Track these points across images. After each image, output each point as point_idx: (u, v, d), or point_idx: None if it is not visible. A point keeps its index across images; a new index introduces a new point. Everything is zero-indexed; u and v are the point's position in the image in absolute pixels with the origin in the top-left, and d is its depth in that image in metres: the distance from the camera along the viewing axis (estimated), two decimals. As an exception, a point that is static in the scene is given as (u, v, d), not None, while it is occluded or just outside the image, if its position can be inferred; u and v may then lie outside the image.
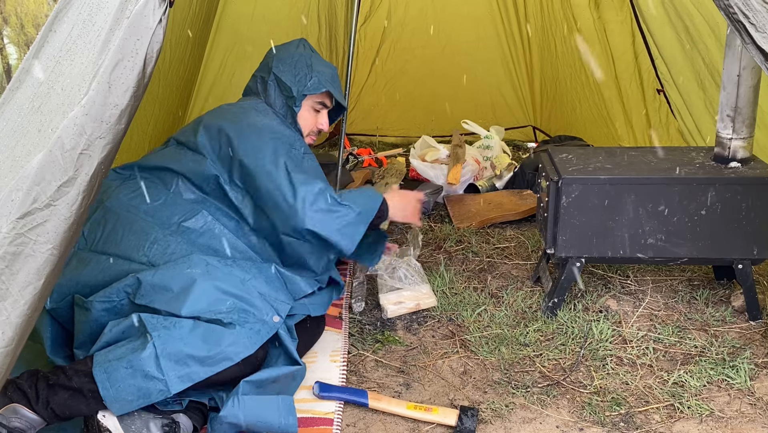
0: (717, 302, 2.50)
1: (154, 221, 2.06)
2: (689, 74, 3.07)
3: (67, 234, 1.34)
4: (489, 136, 3.94)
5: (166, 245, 2.00)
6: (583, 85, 3.96)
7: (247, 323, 1.82)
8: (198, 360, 1.72)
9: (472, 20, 4.30)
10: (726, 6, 1.48)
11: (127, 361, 1.68)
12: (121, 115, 1.35)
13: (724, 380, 2.07)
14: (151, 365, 1.67)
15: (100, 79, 1.32)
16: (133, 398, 1.67)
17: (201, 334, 1.75)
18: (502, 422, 1.91)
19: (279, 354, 1.95)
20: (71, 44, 1.36)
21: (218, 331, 1.77)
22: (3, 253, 1.28)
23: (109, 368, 1.68)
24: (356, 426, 1.91)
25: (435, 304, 2.50)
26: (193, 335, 1.74)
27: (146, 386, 1.67)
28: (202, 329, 1.77)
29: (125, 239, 2.00)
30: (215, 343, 1.75)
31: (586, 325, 2.36)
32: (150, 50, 1.37)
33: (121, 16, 1.35)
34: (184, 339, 1.73)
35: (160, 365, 1.68)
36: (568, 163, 2.37)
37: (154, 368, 1.67)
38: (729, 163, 2.32)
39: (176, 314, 1.79)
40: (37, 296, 1.32)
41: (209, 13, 3.49)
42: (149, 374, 1.67)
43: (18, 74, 1.40)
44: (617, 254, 2.33)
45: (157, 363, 1.68)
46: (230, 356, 1.75)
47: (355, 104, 4.58)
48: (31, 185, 1.30)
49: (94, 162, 1.34)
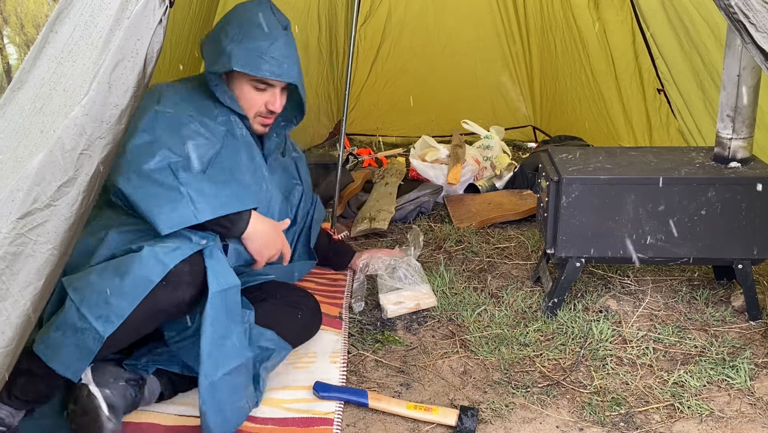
0: (717, 302, 2.50)
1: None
2: (689, 74, 3.07)
3: (67, 234, 1.34)
4: (489, 136, 3.94)
5: None
6: (583, 85, 3.96)
7: (160, 244, 1.73)
8: (117, 294, 1.66)
9: (472, 20, 4.31)
10: (726, 6, 1.48)
11: (56, 326, 1.66)
12: (121, 115, 1.35)
13: (724, 380, 2.07)
14: (75, 317, 1.64)
15: (101, 80, 1.33)
16: (77, 357, 1.65)
17: (112, 268, 1.69)
18: (502, 422, 1.91)
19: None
20: (73, 45, 1.37)
21: (129, 259, 1.69)
22: (3, 253, 1.29)
23: (46, 340, 1.66)
24: (356, 426, 1.91)
25: (435, 304, 2.50)
26: (105, 272, 1.68)
27: (81, 339, 1.64)
28: (113, 263, 1.70)
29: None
30: (126, 271, 1.67)
31: (586, 325, 2.36)
32: (150, 50, 1.37)
33: (121, 17, 1.35)
34: (98, 280, 1.67)
35: (82, 313, 1.64)
36: (568, 163, 2.37)
37: (77, 320, 1.64)
38: (729, 163, 2.32)
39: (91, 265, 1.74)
40: (38, 296, 1.33)
41: (209, 13, 3.49)
42: (77, 327, 1.64)
43: (19, 74, 1.41)
44: (617, 254, 2.33)
45: (79, 314, 1.64)
46: (147, 276, 1.67)
47: (355, 104, 4.58)
48: (32, 185, 1.30)
49: (94, 162, 1.35)
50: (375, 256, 2.68)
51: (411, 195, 3.39)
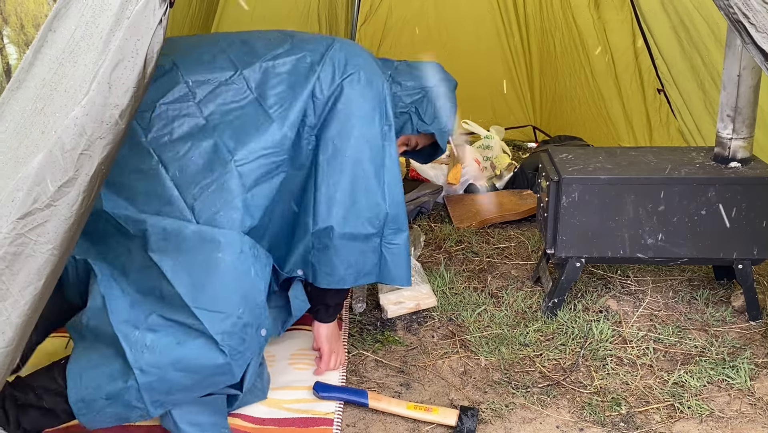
0: (717, 302, 2.50)
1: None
2: (689, 74, 3.07)
3: (67, 234, 1.34)
4: (489, 136, 3.94)
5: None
6: (583, 85, 3.96)
7: (239, 353, 1.68)
8: (182, 391, 1.67)
9: (472, 20, 4.30)
10: (726, 6, 1.48)
11: (107, 395, 1.62)
12: (121, 115, 1.35)
13: (724, 380, 2.07)
14: (133, 397, 1.62)
15: (101, 80, 1.32)
16: (111, 421, 1.67)
17: (184, 366, 1.63)
18: (502, 422, 1.91)
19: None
20: (74, 46, 1.36)
21: (202, 358, 1.64)
22: (3, 253, 1.28)
23: (86, 397, 1.63)
24: (356, 426, 1.91)
25: (435, 304, 2.50)
26: (178, 365, 1.63)
27: (126, 412, 1.65)
28: (186, 359, 1.64)
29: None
30: (197, 372, 1.65)
31: (586, 325, 2.36)
32: (150, 51, 1.37)
33: (121, 17, 1.34)
34: (169, 372, 1.62)
35: (142, 398, 1.63)
36: (568, 163, 2.37)
37: (134, 399, 1.63)
38: (729, 163, 2.32)
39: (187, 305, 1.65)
40: (38, 296, 1.33)
41: (209, 13, 3.49)
42: (130, 404, 1.63)
43: (17, 74, 1.40)
44: (617, 254, 2.33)
45: (138, 395, 1.62)
46: (216, 383, 1.71)
47: (355, 104, 4.57)
48: (32, 186, 1.30)
49: (95, 162, 1.34)
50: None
51: (411, 195, 3.39)
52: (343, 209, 1.91)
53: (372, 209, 1.93)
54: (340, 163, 1.92)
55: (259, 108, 1.91)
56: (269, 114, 1.90)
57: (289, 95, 1.93)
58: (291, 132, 1.91)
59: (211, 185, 1.80)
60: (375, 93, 1.98)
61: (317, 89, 1.94)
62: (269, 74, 1.95)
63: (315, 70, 1.95)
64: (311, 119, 1.94)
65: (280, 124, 1.90)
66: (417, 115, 2.22)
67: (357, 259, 1.94)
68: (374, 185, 1.94)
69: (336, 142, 1.93)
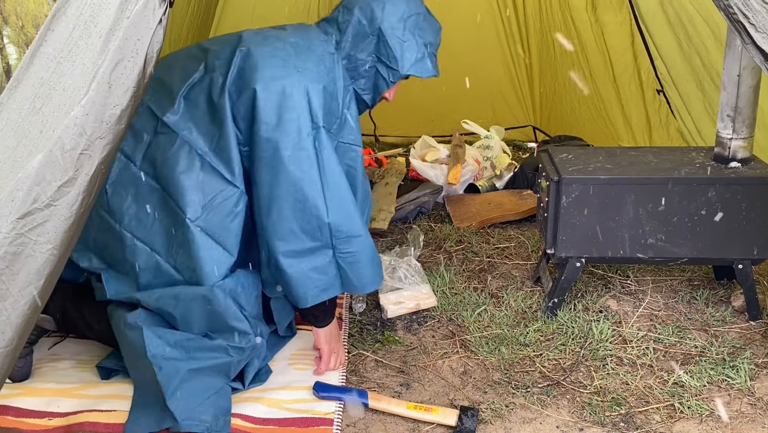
0: (717, 302, 2.50)
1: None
2: (688, 75, 3.07)
3: (67, 234, 1.34)
4: (489, 136, 3.94)
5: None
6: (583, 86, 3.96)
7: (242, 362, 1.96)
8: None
9: (472, 20, 4.30)
10: (726, 6, 1.48)
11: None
12: (121, 115, 1.35)
13: (724, 380, 2.07)
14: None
15: (101, 80, 1.33)
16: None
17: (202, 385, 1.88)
18: (502, 422, 1.91)
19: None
20: (72, 45, 1.36)
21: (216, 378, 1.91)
22: (3, 253, 1.29)
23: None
24: (356, 426, 1.91)
25: (435, 304, 2.50)
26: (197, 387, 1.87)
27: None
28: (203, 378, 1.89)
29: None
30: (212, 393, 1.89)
31: (586, 325, 2.36)
32: (150, 50, 1.37)
33: (121, 17, 1.35)
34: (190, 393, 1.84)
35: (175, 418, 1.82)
36: (568, 163, 2.37)
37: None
38: (729, 163, 2.32)
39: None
40: (38, 296, 1.33)
41: (208, 12, 3.49)
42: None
43: (16, 73, 1.40)
44: (617, 254, 2.33)
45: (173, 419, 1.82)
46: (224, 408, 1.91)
47: (355, 104, 4.57)
48: (32, 185, 1.30)
49: (95, 162, 1.35)
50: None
51: (411, 195, 3.39)
52: (280, 230, 1.89)
53: (309, 222, 1.89)
54: (269, 186, 1.89)
55: (191, 152, 1.91)
56: (203, 157, 1.91)
57: (216, 131, 1.91)
58: (229, 171, 1.91)
59: (180, 248, 1.90)
60: (289, 102, 1.87)
61: (235, 111, 1.90)
62: (189, 108, 1.93)
63: (224, 93, 1.89)
64: (242, 142, 1.92)
65: (218, 165, 1.91)
66: (383, 65, 2.05)
67: (311, 276, 1.92)
68: (309, 198, 1.88)
69: (258, 167, 1.89)
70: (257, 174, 1.90)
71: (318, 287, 1.94)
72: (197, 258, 1.89)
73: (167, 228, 1.91)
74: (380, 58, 2.04)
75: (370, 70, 2.05)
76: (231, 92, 1.90)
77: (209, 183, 1.90)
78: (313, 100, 1.90)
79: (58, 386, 2.00)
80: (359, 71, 2.04)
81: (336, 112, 1.98)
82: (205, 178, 1.90)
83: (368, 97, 2.12)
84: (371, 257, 2.00)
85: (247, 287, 1.97)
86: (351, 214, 1.95)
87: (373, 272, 2.01)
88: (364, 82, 2.07)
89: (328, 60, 1.99)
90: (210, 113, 1.92)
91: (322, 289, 1.95)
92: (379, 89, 2.09)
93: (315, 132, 1.90)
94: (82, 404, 1.92)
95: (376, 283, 2.04)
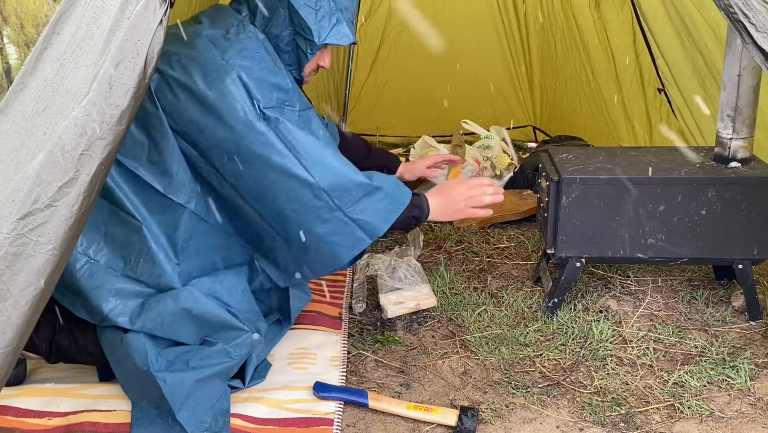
0: (717, 302, 2.50)
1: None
2: (689, 74, 3.07)
3: (67, 235, 1.34)
4: (489, 136, 3.94)
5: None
6: (583, 85, 3.96)
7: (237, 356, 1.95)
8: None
9: (472, 20, 4.30)
10: (726, 6, 1.48)
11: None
12: (121, 115, 1.35)
13: (725, 380, 2.07)
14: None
15: (101, 80, 1.33)
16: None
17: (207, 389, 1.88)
18: (502, 422, 1.91)
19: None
20: (75, 47, 1.37)
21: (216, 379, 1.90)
22: (4, 253, 1.29)
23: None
24: (356, 426, 1.91)
25: (435, 304, 2.50)
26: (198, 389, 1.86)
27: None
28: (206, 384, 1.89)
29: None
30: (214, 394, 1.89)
31: (586, 325, 2.36)
32: (151, 51, 1.37)
33: (121, 17, 1.35)
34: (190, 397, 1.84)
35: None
36: (568, 163, 2.37)
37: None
38: (729, 163, 2.32)
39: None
40: (38, 296, 1.33)
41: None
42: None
43: (21, 76, 1.40)
44: (617, 254, 2.33)
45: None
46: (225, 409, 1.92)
47: (355, 104, 4.58)
48: (32, 186, 1.30)
49: (95, 163, 1.35)
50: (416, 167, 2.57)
51: (411, 195, 3.39)
52: (283, 213, 1.91)
53: (304, 194, 1.88)
54: (253, 180, 1.89)
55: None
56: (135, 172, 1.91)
57: (159, 145, 1.91)
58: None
59: (140, 258, 1.91)
60: (221, 91, 1.84)
61: (170, 121, 1.89)
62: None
63: (155, 104, 1.89)
64: (192, 151, 1.92)
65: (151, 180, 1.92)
66: (301, 37, 1.97)
67: (333, 240, 1.94)
68: (291, 173, 1.87)
69: (231, 166, 1.89)
70: (237, 174, 1.90)
71: (344, 244, 1.95)
72: (161, 264, 1.91)
73: (122, 241, 1.91)
74: (296, 30, 1.96)
75: (290, 44, 2.00)
76: (162, 103, 1.89)
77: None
78: (249, 85, 1.87)
79: (58, 386, 2.00)
80: (280, 47, 2.00)
81: (283, 86, 1.96)
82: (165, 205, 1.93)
83: (295, 72, 2.07)
84: (380, 198, 1.97)
85: (228, 283, 1.97)
86: (348, 172, 1.94)
87: (388, 210, 1.99)
88: (287, 57, 2.02)
89: (248, 42, 1.94)
90: (144, 128, 1.91)
91: (350, 246, 1.96)
92: (301, 63, 2.04)
93: (261, 114, 1.88)
94: (82, 404, 1.92)
95: (396, 212, 2.00)
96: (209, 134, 1.87)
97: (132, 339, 1.86)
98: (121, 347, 1.87)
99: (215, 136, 1.87)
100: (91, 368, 2.07)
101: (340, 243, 1.94)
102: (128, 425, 1.86)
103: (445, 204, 2.11)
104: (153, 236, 1.90)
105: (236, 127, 1.85)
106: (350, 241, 1.95)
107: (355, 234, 1.94)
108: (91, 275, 1.88)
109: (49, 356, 2.01)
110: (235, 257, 2.05)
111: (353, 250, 1.97)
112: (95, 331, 1.95)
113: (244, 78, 1.87)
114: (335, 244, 1.94)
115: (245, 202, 1.95)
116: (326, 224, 1.92)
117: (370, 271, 2.61)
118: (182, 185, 1.93)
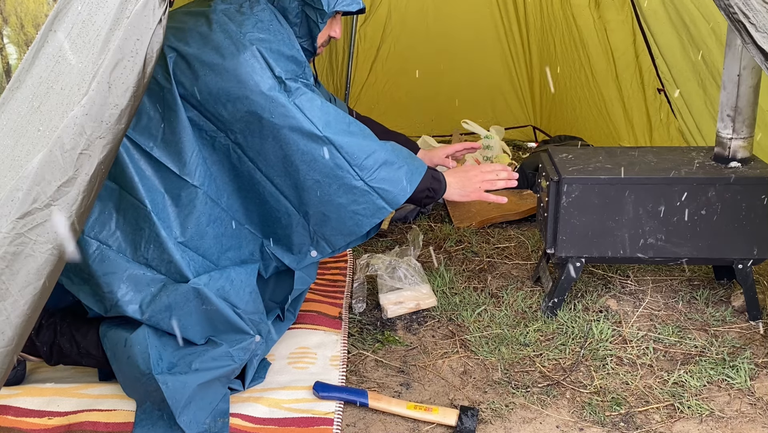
0: (717, 302, 2.50)
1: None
2: (689, 74, 3.07)
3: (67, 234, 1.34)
4: (489, 136, 3.94)
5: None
6: (583, 85, 3.96)
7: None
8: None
9: (472, 20, 4.30)
10: (726, 6, 1.48)
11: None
12: (121, 115, 1.35)
13: (724, 380, 2.07)
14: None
15: (100, 79, 1.33)
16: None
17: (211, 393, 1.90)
18: (502, 422, 1.91)
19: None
20: (70, 43, 1.37)
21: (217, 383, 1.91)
22: (3, 253, 1.28)
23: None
24: (356, 426, 1.91)
25: (435, 304, 2.50)
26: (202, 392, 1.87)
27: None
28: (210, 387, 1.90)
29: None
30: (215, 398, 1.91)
31: (586, 325, 2.36)
32: (150, 50, 1.37)
33: (120, 16, 1.35)
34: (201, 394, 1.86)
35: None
36: (568, 163, 2.37)
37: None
38: (729, 163, 2.32)
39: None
40: (37, 296, 1.32)
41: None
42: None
43: (18, 74, 1.41)
44: (617, 254, 2.33)
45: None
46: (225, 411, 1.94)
47: (355, 104, 4.58)
48: (31, 185, 1.30)
49: (94, 162, 1.35)
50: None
51: (411, 195, 3.39)
52: (304, 184, 1.92)
53: (325, 164, 1.90)
54: (273, 155, 1.91)
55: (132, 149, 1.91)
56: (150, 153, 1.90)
57: (173, 124, 1.90)
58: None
59: (150, 244, 1.89)
60: (242, 63, 1.85)
61: (191, 98, 1.89)
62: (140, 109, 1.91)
63: (170, 81, 1.88)
64: (211, 127, 1.92)
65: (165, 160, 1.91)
66: (310, 7, 1.98)
67: (355, 209, 1.96)
68: (310, 144, 1.88)
69: (253, 141, 1.90)
70: (258, 148, 1.91)
71: (365, 214, 1.97)
72: (169, 251, 1.89)
73: (132, 226, 1.89)
74: (305, 1, 1.98)
75: (299, 16, 2.01)
76: (177, 89, 1.89)
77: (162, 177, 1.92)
78: (267, 57, 1.88)
79: (58, 385, 2.00)
80: (290, 19, 2.01)
81: (298, 58, 1.97)
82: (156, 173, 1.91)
83: (307, 44, 2.07)
84: (399, 166, 1.99)
85: (238, 283, 1.96)
86: (361, 133, 1.96)
87: (405, 174, 2.00)
88: (297, 30, 2.03)
89: (262, 14, 1.95)
90: (156, 112, 1.91)
91: (371, 214, 1.97)
92: (313, 34, 2.05)
93: (281, 85, 1.89)
94: (82, 404, 1.92)
95: (415, 181, 2.01)
96: (231, 108, 1.88)
97: (136, 341, 1.85)
98: (125, 349, 1.86)
99: (237, 110, 1.87)
100: (91, 368, 2.07)
101: (361, 212, 1.97)
102: (128, 424, 1.86)
103: (462, 184, 2.16)
104: (162, 222, 1.89)
105: (258, 99, 1.86)
106: (371, 209, 1.97)
107: (375, 203, 1.96)
108: (102, 260, 1.86)
109: (50, 359, 2.01)
110: (244, 246, 2.03)
111: (374, 219, 1.98)
112: (97, 334, 1.94)
113: (263, 50, 1.88)
114: (357, 213, 1.96)
115: (265, 176, 1.95)
116: (348, 194, 1.94)
117: (370, 271, 2.61)
118: (196, 166, 1.92)
